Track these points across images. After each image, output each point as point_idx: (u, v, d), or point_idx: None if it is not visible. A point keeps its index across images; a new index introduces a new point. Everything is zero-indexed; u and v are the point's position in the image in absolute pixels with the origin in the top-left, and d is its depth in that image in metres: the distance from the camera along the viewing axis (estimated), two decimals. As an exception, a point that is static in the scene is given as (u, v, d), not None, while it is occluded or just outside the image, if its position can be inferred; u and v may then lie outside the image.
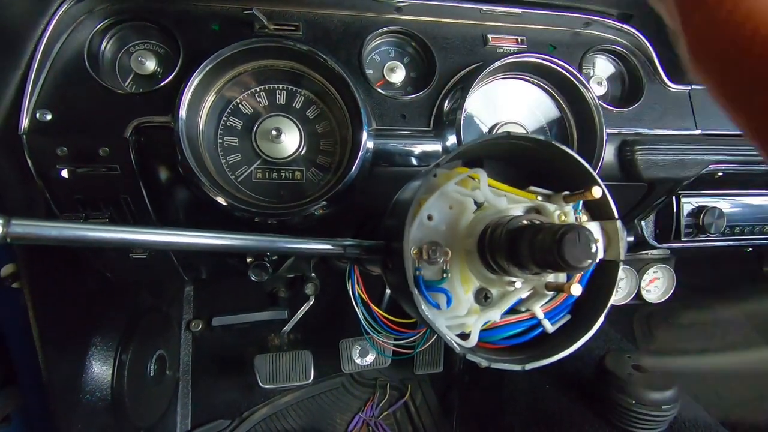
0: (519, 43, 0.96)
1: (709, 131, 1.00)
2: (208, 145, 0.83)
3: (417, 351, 1.49)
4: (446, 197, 0.49)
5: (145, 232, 0.42)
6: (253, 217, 0.80)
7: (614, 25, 0.99)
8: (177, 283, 1.55)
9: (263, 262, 0.99)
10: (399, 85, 0.94)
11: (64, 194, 0.79)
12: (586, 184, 0.49)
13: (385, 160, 0.87)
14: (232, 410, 1.55)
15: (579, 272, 0.38)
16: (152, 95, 0.79)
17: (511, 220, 0.44)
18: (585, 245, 0.36)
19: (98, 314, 1.09)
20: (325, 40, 0.87)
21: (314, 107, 0.88)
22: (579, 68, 0.96)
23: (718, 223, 1.07)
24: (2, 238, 0.34)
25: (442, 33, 0.93)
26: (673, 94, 1.01)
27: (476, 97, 0.93)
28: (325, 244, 0.54)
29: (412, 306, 0.46)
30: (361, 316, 1.07)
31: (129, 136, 0.77)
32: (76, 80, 0.77)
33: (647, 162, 0.94)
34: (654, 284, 1.44)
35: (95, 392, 1.04)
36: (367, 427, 1.63)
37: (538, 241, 0.38)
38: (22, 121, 0.73)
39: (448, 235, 0.49)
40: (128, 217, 0.84)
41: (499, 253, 0.44)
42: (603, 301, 0.47)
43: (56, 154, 0.74)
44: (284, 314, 1.38)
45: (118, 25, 0.82)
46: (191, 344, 1.56)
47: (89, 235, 0.39)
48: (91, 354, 1.05)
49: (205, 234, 0.47)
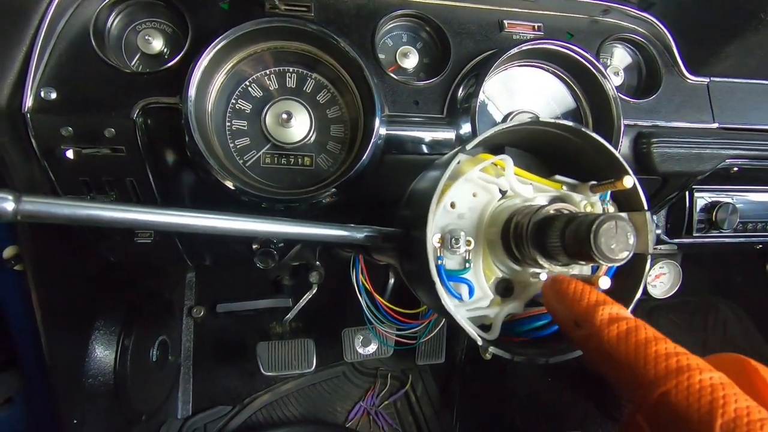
0: (536, 29, 0.93)
1: (727, 125, 0.98)
2: (216, 128, 0.81)
3: (420, 342, 1.48)
4: (470, 184, 0.47)
5: (163, 213, 0.41)
6: (261, 203, 0.78)
7: (634, 13, 0.96)
8: (180, 268, 1.54)
9: (269, 249, 0.97)
10: (411, 71, 0.92)
11: (69, 175, 0.77)
12: (613, 174, 0.47)
13: (397, 148, 0.85)
14: (233, 396, 1.55)
15: (615, 264, 0.36)
16: (160, 75, 0.76)
17: (540, 209, 0.42)
18: (623, 236, 0.34)
19: (101, 298, 1.08)
20: (337, 23, 0.85)
21: (325, 91, 0.86)
22: (596, 57, 0.94)
23: (732, 218, 1.06)
24: (13, 216, 0.32)
25: (457, 18, 0.91)
26: (691, 86, 0.99)
27: (491, 85, 0.91)
28: (342, 230, 0.52)
29: (432, 296, 0.45)
30: (365, 305, 1.07)
31: (135, 117, 0.74)
32: (81, 58, 0.74)
33: (663, 155, 0.92)
34: (660, 280, 1.43)
35: (98, 376, 1.04)
36: (367, 415, 1.63)
37: (571, 231, 0.37)
38: (26, 100, 0.71)
39: (470, 224, 0.47)
40: (133, 200, 0.83)
41: (525, 243, 0.43)
42: (630, 295, 0.46)
43: (61, 134, 0.72)
44: (288, 302, 1.37)
45: (126, 1, 0.79)
46: (193, 330, 1.56)
47: (103, 215, 0.37)
48: (94, 338, 1.04)
49: (222, 216, 0.45)
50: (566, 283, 0.43)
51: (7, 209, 0.32)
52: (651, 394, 0.33)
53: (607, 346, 0.37)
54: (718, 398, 0.30)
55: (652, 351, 0.34)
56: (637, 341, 0.35)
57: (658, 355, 0.34)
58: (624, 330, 0.37)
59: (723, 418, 0.29)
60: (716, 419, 0.29)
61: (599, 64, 0.88)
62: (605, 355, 0.37)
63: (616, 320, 0.38)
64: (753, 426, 0.28)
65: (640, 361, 0.34)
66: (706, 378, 0.32)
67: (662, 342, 0.35)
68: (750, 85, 1.02)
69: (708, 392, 0.31)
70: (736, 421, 0.29)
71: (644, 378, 0.34)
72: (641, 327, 0.37)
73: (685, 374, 0.32)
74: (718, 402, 0.30)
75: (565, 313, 0.42)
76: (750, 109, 1.01)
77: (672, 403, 0.31)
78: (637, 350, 0.35)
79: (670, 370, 0.33)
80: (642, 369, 0.34)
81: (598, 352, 0.38)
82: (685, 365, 0.33)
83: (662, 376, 0.33)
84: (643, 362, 0.34)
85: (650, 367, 0.34)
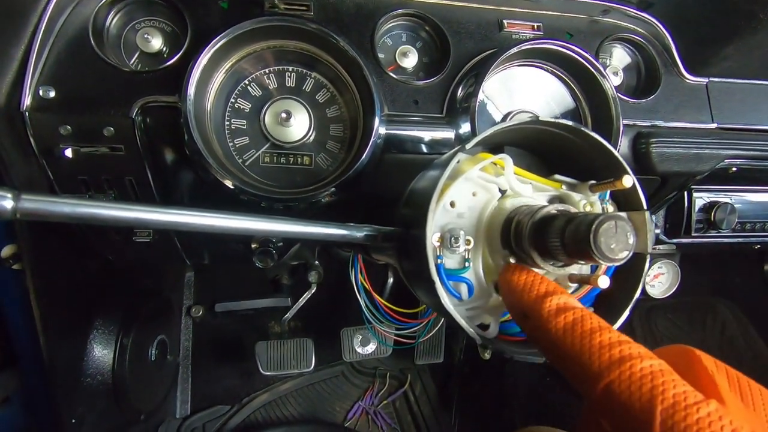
0: (535, 29, 0.93)
1: (725, 125, 0.98)
2: (215, 127, 0.81)
3: (419, 341, 1.48)
4: (470, 183, 0.47)
5: (161, 212, 0.41)
6: (260, 202, 0.78)
7: (633, 13, 0.96)
8: (179, 268, 1.54)
9: (269, 248, 0.97)
10: (411, 70, 0.92)
11: (68, 174, 0.77)
12: (612, 173, 0.47)
13: (396, 147, 0.85)
14: (232, 396, 1.55)
15: (614, 264, 0.36)
16: (159, 74, 0.76)
17: (539, 209, 0.42)
18: (622, 236, 0.34)
19: (100, 297, 1.08)
20: (337, 22, 0.85)
21: (324, 91, 0.86)
22: (596, 57, 0.94)
23: (730, 218, 1.06)
24: (12, 214, 0.32)
25: (457, 17, 0.91)
26: (690, 86, 0.99)
27: (490, 84, 0.91)
28: (341, 230, 0.52)
29: (431, 295, 0.45)
30: (363, 305, 1.06)
31: (134, 116, 0.74)
32: (80, 56, 0.74)
33: (662, 155, 0.92)
34: (658, 279, 1.43)
35: (96, 375, 1.03)
36: (366, 415, 1.63)
37: (570, 231, 0.37)
38: (25, 98, 0.71)
39: (470, 223, 0.47)
40: (132, 199, 0.82)
41: (524, 243, 0.43)
42: (629, 295, 0.46)
43: (60, 132, 0.72)
44: (287, 301, 1.37)
45: (125, 0, 0.79)
46: (191, 330, 1.56)
47: (102, 213, 0.37)
48: (93, 337, 1.03)
49: (220, 215, 0.45)
50: (517, 273, 0.43)
51: (6, 207, 0.32)
52: (596, 385, 0.33)
53: (554, 338, 0.37)
54: (657, 385, 0.31)
55: (597, 342, 0.34)
56: (582, 332, 0.35)
57: (602, 345, 0.34)
58: (570, 321, 0.37)
59: (663, 404, 0.30)
60: (656, 406, 0.30)
61: (598, 64, 0.89)
62: (553, 348, 0.37)
63: (563, 311, 0.38)
64: (690, 410, 0.29)
65: (585, 353, 0.34)
66: (647, 366, 0.32)
67: (606, 332, 0.35)
68: (749, 85, 1.02)
69: (648, 380, 0.31)
70: (675, 407, 0.29)
71: (590, 370, 0.34)
72: (587, 317, 0.37)
73: (627, 363, 0.32)
74: (658, 389, 0.31)
75: (515, 303, 0.41)
76: (749, 109, 1.01)
77: (616, 393, 0.32)
78: (582, 341, 0.35)
79: (613, 360, 0.33)
80: (587, 361, 0.34)
81: (547, 345, 0.38)
82: (627, 354, 0.33)
83: (606, 367, 0.33)
84: (588, 354, 0.34)
85: (594, 358, 0.34)
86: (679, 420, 0.29)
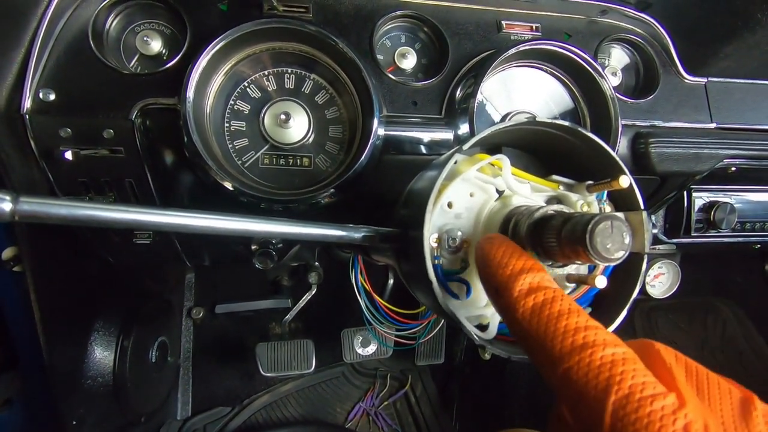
0: (534, 30, 0.94)
1: (724, 125, 0.98)
2: (215, 129, 0.81)
3: (419, 342, 1.48)
4: (467, 184, 0.47)
5: (161, 214, 0.41)
6: (259, 203, 0.79)
7: (631, 13, 0.96)
8: (179, 269, 1.54)
9: (268, 249, 0.97)
10: (410, 72, 0.92)
11: (68, 176, 0.77)
12: (610, 173, 0.47)
13: (395, 148, 0.85)
14: (233, 397, 1.55)
15: (610, 264, 0.36)
16: (158, 76, 0.77)
17: (537, 209, 0.42)
18: (618, 236, 0.34)
19: (100, 299, 1.08)
20: (336, 23, 0.85)
21: (323, 92, 0.86)
22: (594, 58, 0.94)
23: (730, 218, 1.06)
24: (10, 216, 0.32)
25: (455, 18, 0.91)
26: (689, 86, 0.99)
27: (489, 85, 0.91)
28: (340, 231, 0.53)
29: (429, 296, 0.45)
30: (364, 306, 1.06)
31: (134, 118, 0.75)
32: (80, 59, 0.74)
33: (661, 155, 0.92)
34: (659, 279, 1.42)
35: (97, 377, 1.04)
36: (367, 416, 1.63)
37: (567, 230, 0.37)
38: (25, 101, 0.71)
39: (468, 224, 0.48)
40: (132, 201, 0.83)
41: (521, 243, 0.43)
42: (626, 295, 0.46)
43: (60, 135, 0.72)
44: (287, 303, 1.37)
45: (125, 3, 0.79)
46: (192, 331, 1.56)
47: (102, 215, 0.37)
48: (93, 339, 1.04)
49: (220, 217, 0.45)
50: (496, 244, 0.40)
51: (5, 209, 0.32)
52: (556, 370, 0.32)
53: (520, 319, 0.35)
54: (615, 374, 0.30)
55: (562, 326, 0.33)
56: (549, 315, 0.34)
57: (567, 330, 0.33)
58: (540, 302, 0.35)
59: (616, 394, 0.29)
60: (610, 395, 0.29)
61: (597, 64, 0.89)
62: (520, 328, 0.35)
63: (534, 291, 0.36)
64: (644, 402, 0.28)
65: (549, 336, 0.33)
66: (608, 354, 0.31)
67: (574, 316, 0.34)
68: (747, 85, 1.02)
69: (607, 368, 0.30)
70: (629, 398, 0.28)
71: (551, 354, 0.33)
72: (557, 299, 0.35)
73: (588, 350, 0.31)
74: (614, 378, 0.29)
75: (489, 277, 0.39)
76: (747, 109, 1.01)
77: (573, 380, 0.31)
78: (548, 325, 0.33)
79: (575, 346, 0.32)
80: (549, 344, 0.33)
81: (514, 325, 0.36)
82: (590, 341, 0.32)
83: (567, 352, 0.32)
84: (551, 337, 0.33)
85: (557, 342, 0.32)
86: (631, 411, 0.28)
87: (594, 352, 0.31)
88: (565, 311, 0.34)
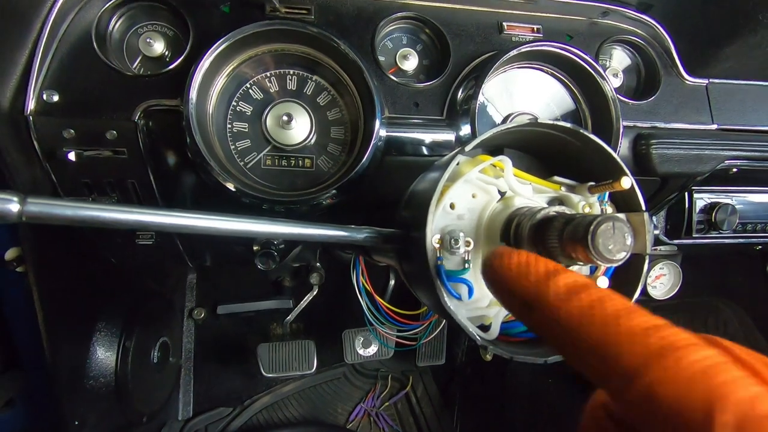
0: (535, 31, 0.94)
1: (725, 126, 0.98)
2: (217, 130, 0.81)
3: (421, 343, 1.49)
4: (469, 185, 0.48)
5: (164, 215, 0.41)
6: (261, 204, 0.79)
7: (632, 15, 0.97)
8: (181, 270, 1.54)
9: (270, 250, 0.98)
10: (411, 73, 0.92)
11: (71, 177, 0.78)
12: (611, 175, 0.47)
13: (397, 149, 0.86)
14: (234, 398, 1.55)
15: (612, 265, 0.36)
16: (161, 78, 0.77)
17: (539, 211, 0.42)
18: (620, 237, 0.35)
19: (102, 300, 1.08)
20: (338, 25, 0.86)
21: (325, 93, 0.87)
22: (595, 59, 0.94)
23: (731, 219, 1.06)
24: (18, 217, 0.32)
25: (457, 20, 0.91)
26: (690, 88, 0.99)
27: (490, 87, 0.92)
28: (342, 231, 0.53)
29: (431, 297, 0.45)
30: (365, 306, 1.07)
31: (137, 119, 0.75)
32: (83, 61, 0.75)
33: (662, 156, 0.92)
34: (660, 281, 1.43)
35: (99, 377, 1.04)
36: (368, 417, 1.63)
37: (569, 232, 0.37)
38: (29, 102, 0.72)
39: (470, 225, 0.48)
40: (135, 202, 0.83)
41: (524, 244, 0.43)
42: (628, 296, 0.46)
43: (63, 136, 0.73)
44: (289, 303, 1.37)
45: (128, 5, 0.80)
46: (194, 332, 1.56)
47: (106, 216, 0.37)
48: (96, 339, 1.04)
49: (222, 218, 0.46)
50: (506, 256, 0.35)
51: (12, 210, 0.33)
52: (632, 385, 0.25)
53: (569, 328, 0.29)
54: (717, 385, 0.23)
55: (626, 328, 0.27)
56: (604, 316, 0.28)
57: (634, 332, 0.26)
58: (586, 304, 0.29)
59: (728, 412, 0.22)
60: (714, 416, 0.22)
61: (598, 65, 0.89)
62: (568, 340, 0.29)
63: (574, 292, 0.30)
64: (764, 424, 0.21)
65: (612, 344, 0.27)
66: (699, 359, 0.24)
67: (636, 314, 0.27)
68: (749, 86, 1.02)
69: (702, 379, 0.23)
70: (747, 415, 0.21)
71: (619, 365, 0.26)
72: (606, 296, 0.29)
73: (671, 357, 0.24)
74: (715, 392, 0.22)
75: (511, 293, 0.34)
76: (749, 110, 1.01)
77: (661, 396, 0.24)
78: (607, 329, 0.27)
79: (651, 351, 0.25)
80: (615, 353, 0.26)
81: (559, 337, 0.30)
82: (669, 343, 0.25)
83: (642, 361, 0.25)
84: (615, 344, 0.26)
85: (624, 349, 0.26)
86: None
87: (680, 357, 0.24)
88: (622, 309, 0.28)
